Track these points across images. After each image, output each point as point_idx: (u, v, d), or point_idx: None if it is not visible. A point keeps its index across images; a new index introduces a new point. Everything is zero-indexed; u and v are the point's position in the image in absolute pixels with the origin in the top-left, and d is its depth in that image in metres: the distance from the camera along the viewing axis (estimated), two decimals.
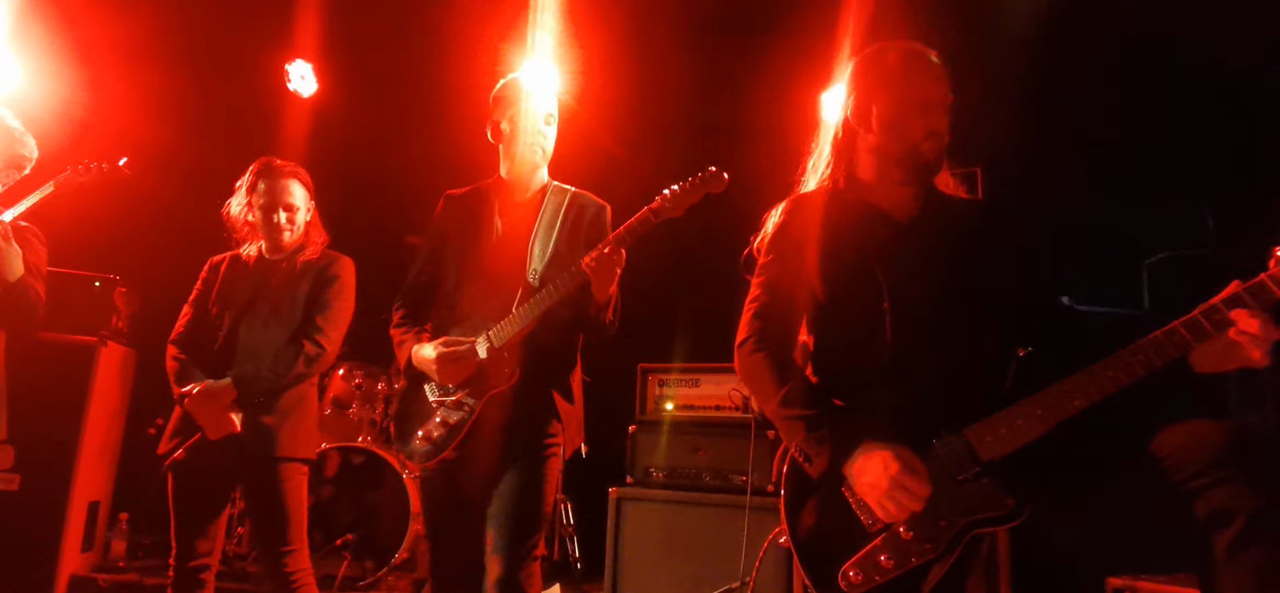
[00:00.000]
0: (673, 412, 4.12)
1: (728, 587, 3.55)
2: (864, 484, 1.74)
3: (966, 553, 1.71)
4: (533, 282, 2.44)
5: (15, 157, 2.95)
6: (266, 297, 2.93)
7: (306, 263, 3.01)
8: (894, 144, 1.96)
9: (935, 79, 1.96)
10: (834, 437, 1.80)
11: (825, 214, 2.02)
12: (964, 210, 2.02)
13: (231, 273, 3.03)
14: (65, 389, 4.21)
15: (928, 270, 1.88)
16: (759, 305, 2.05)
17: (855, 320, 1.92)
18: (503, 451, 2.37)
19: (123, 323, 4.61)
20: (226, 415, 2.75)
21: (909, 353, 1.83)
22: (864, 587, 1.74)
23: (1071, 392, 1.63)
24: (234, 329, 2.89)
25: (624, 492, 3.95)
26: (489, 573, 2.26)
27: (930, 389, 1.78)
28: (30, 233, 2.92)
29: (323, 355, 2.93)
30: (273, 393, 2.83)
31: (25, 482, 4.05)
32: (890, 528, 1.73)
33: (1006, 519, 1.67)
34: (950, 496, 1.71)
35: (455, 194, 2.71)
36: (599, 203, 2.62)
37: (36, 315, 2.82)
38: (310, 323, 2.92)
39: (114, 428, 4.65)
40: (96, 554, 4.53)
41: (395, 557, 4.19)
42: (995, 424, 1.69)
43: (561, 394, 2.47)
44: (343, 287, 3.02)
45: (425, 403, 2.49)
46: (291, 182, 2.99)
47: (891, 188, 2.01)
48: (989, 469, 1.69)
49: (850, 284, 1.94)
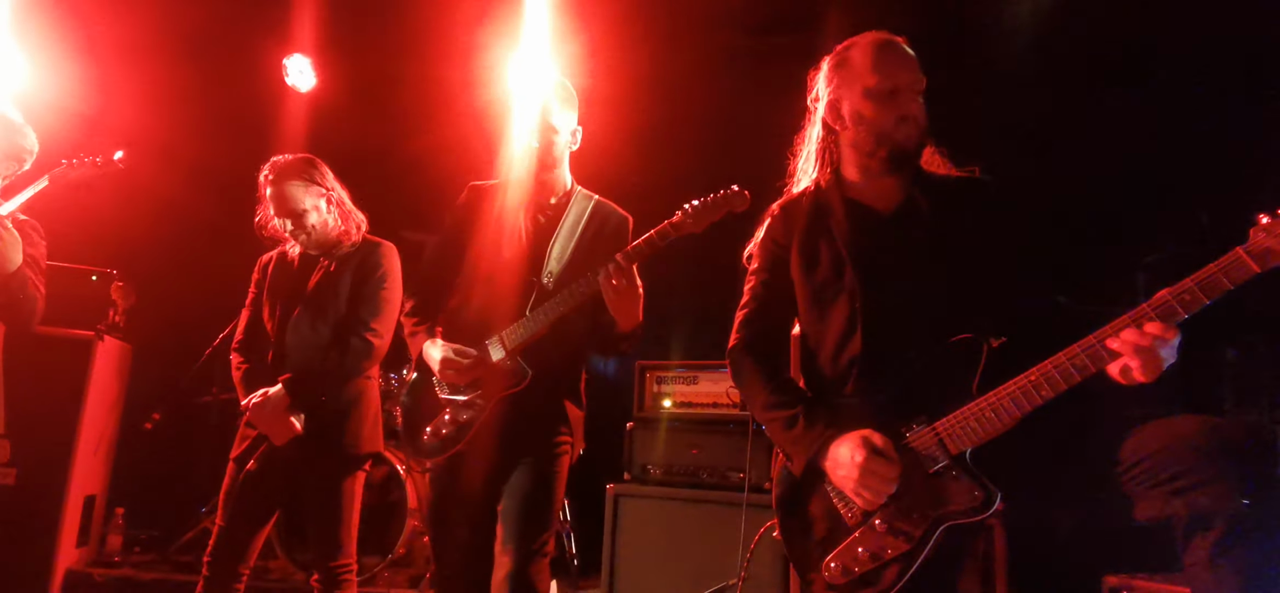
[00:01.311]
0: (670, 409, 4.12)
1: (724, 584, 3.55)
2: (839, 476, 1.80)
3: (951, 548, 1.72)
4: (547, 284, 2.44)
5: (16, 149, 2.94)
6: (310, 294, 2.92)
7: (344, 256, 2.98)
8: (867, 137, 1.99)
9: (901, 65, 1.96)
10: (809, 433, 1.86)
11: (809, 216, 2.08)
12: (949, 190, 2.02)
13: (278, 273, 3.02)
14: (62, 383, 4.20)
15: (904, 264, 1.92)
16: (747, 312, 2.15)
17: (833, 321, 1.97)
18: (512, 450, 2.38)
19: (119, 317, 4.60)
20: (287, 420, 2.76)
21: (881, 350, 1.88)
22: (844, 579, 1.79)
23: (1039, 383, 1.63)
24: (282, 330, 2.89)
25: (621, 489, 3.95)
26: (499, 568, 2.28)
27: (902, 384, 1.82)
28: (30, 227, 2.91)
29: (372, 349, 2.88)
30: (326, 390, 2.82)
31: (21, 476, 4.01)
32: (867, 521, 1.77)
33: (975, 514, 1.69)
34: (921, 490, 1.74)
35: (481, 186, 2.69)
36: (622, 214, 2.63)
37: (35, 310, 2.82)
38: (357, 318, 2.89)
39: (110, 422, 4.64)
40: (92, 549, 4.52)
41: (392, 553, 4.18)
42: (964, 417, 1.71)
43: (571, 400, 2.50)
44: (386, 275, 2.97)
45: (435, 399, 2.50)
46: (290, 186, 2.88)
47: (873, 181, 2.04)
48: (958, 463, 1.72)
49: (828, 286, 1.99)
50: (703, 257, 3.34)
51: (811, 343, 2.05)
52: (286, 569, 4.18)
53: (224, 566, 2.76)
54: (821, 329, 2.00)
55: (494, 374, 2.40)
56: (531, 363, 2.39)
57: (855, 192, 2.06)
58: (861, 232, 1.99)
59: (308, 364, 2.82)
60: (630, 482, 4.00)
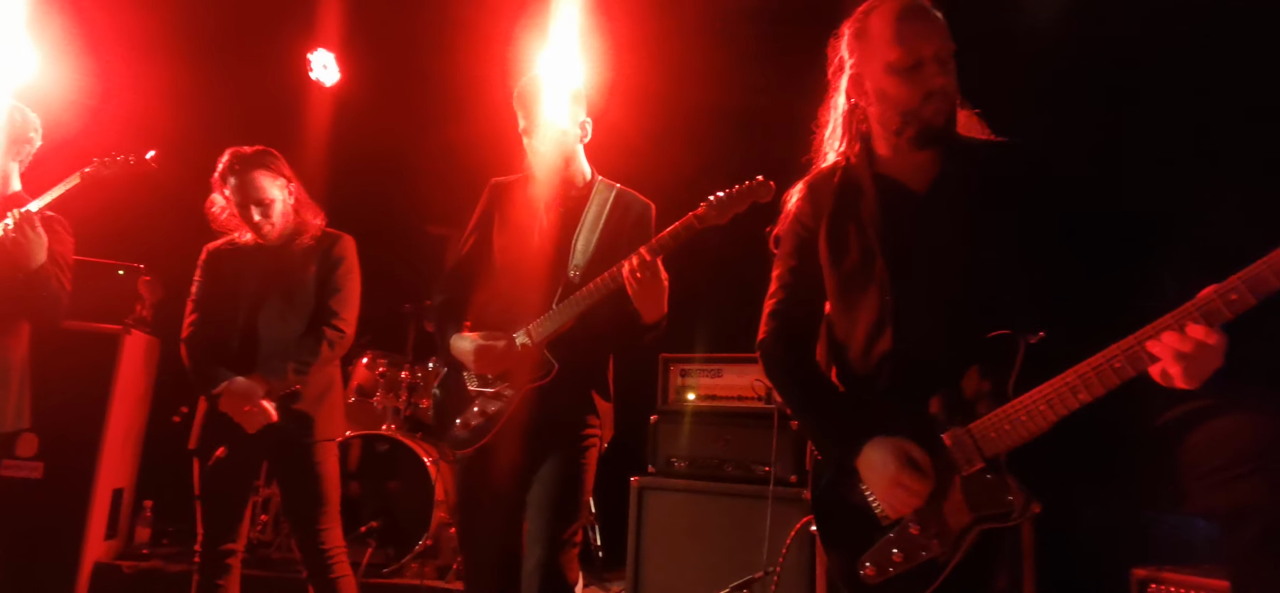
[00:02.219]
0: (694, 402, 4.11)
1: (750, 577, 3.53)
2: (870, 480, 1.75)
3: (985, 548, 1.67)
4: (573, 278, 2.44)
5: (19, 131, 2.96)
6: (276, 287, 2.96)
7: (307, 248, 3.02)
8: (892, 115, 1.84)
9: (925, 34, 1.79)
10: (842, 432, 1.81)
11: (837, 196, 1.95)
12: (987, 161, 1.87)
13: (234, 263, 3.01)
14: (89, 377, 4.23)
15: (938, 252, 1.81)
16: (775, 302, 2.04)
17: (862, 314, 1.89)
18: (541, 442, 2.39)
19: (147, 311, 4.63)
20: (261, 407, 2.78)
21: (913, 347, 1.80)
22: (878, 580, 1.75)
23: (1076, 386, 1.55)
24: (251, 323, 2.91)
25: (646, 481, 3.94)
26: (529, 558, 2.29)
27: (936, 384, 1.75)
28: (57, 222, 2.93)
29: (343, 339, 2.99)
30: (302, 380, 2.87)
31: (49, 469, 4.08)
32: (901, 523, 1.73)
33: (1010, 518, 1.64)
34: (956, 493, 1.69)
35: (502, 182, 2.70)
36: (644, 202, 2.61)
37: (60, 305, 2.84)
38: (326, 309, 2.97)
39: (138, 416, 4.68)
40: (120, 542, 4.56)
41: (419, 544, 4.19)
42: (999, 420, 1.64)
43: (599, 392, 2.50)
44: (350, 267, 3.07)
45: (464, 391, 2.51)
46: (259, 175, 2.91)
47: (904, 157, 1.89)
48: (993, 466, 1.66)
49: (856, 276, 1.90)
50: (726, 247, 3.31)
51: (840, 334, 1.96)
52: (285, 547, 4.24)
53: (212, 553, 2.81)
54: (850, 321, 1.91)
55: (521, 366, 2.41)
56: (558, 355, 2.40)
57: (886, 167, 1.92)
58: (893, 216, 1.87)
59: (282, 353, 2.87)
60: (655, 475, 3.99)
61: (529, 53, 4.59)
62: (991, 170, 1.84)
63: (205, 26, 5.18)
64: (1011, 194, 1.80)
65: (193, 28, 5.13)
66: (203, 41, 5.24)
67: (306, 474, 2.87)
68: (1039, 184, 1.82)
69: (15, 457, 4.01)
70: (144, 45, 5.02)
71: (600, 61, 4.34)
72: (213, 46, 5.29)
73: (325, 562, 2.84)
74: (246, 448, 2.83)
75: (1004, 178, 1.82)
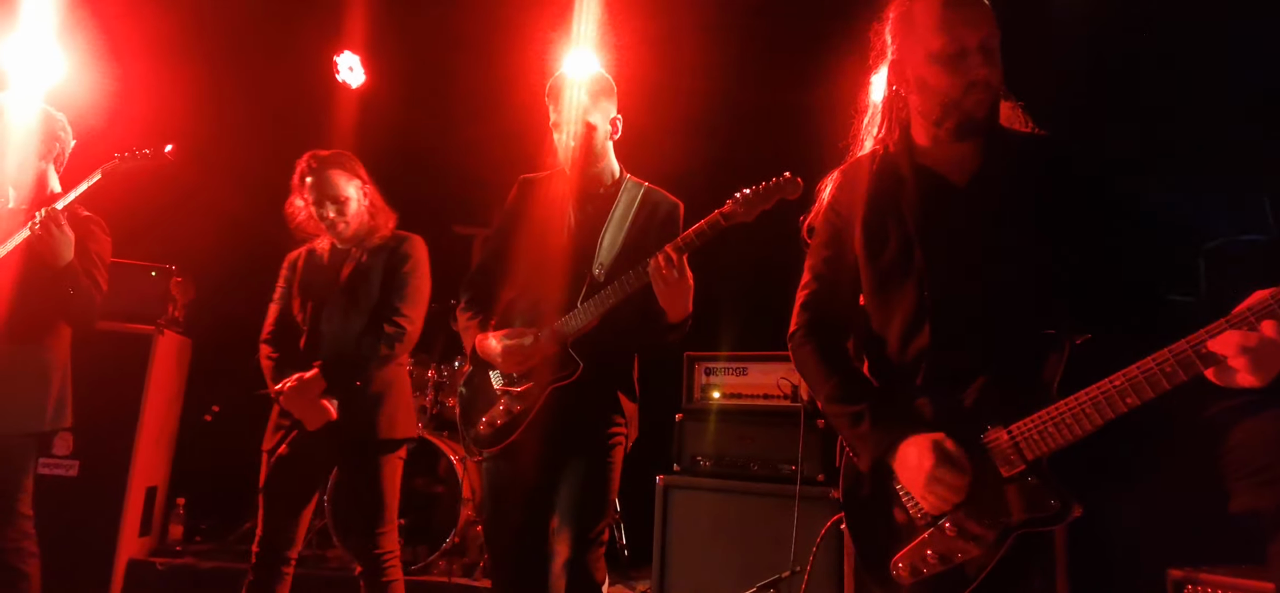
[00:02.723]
0: (720, 400, 4.09)
1: (777, 576, 3.51)
2: (907, 478, 1.70)
3: (1024, 555, 1.63)
4: (598, 275, 2.43)
5: (51, 132, 3.01)
6: (344, 285, 2.97)
7: (377, 247, 3.04)
8: (933, 105, 1.79)
9: (970, 22, 1.72)
10: (877, 431, 1.75)
11: (874, 185, 1.89)
12: (1030, 155, 1.81)
13: (309, 267, 3.08)
14: (123, 377, 4.29)
15: (979, 246, 1.75)
16: (808, 294, 1.98)
17: (899, 308, 1.82)
18: (567, 440, 2.39)
19: (179, 312, 4.69)
20: (321, 405, 2.80)
21: (952, 345, 1.74)
22: (912, 580, 1.70)
23: (1124, 389, 1.50)
24: (316, 321, 2.94)
25: (671, 480, 3.93)
26: (556, 557, 2.28)
27: (976, 383, 1.69)
28: (93, 223, 2.98)
29: (405, 335, 2.95)
30: (360, 376, 2.87)
31: (84, 467, 4.16)
32: (937, 523, 1.68)
33: (1050, 522, 1.59)
34: (995, 495, 1.64)
35: (530, 179, 2.70)
36: (672, 201, 2.60)
37: (93, 305, 2.88)
38: (388, 305, 2.95)
39: (170, 414, 4.75)
40: (154, 538, 4.63)
41: (446, 541, 4.22)
42: (1042, 421, 1.59)
43: (624, 392, 2.49)
44: (416, 265, 3.05)
45: (490, 390, 2.51)
46: (335, 173, 2.96)
47: (944, 147, 1.84)
48: (1034, 468, 1.61)
49: (894, 269, 1.83)
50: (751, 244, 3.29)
51: (876, 327, 1.89)
52: (344, 558, 4.23)
53: (270, 554, 2.82)
54: (887, 315, 1.85)
55: (545, 364, 2.40)
56: (583, 353, 2.39)
57: (926, 157, 1.86)
58: (932, 207, 1.81)
59: (342, 352, 2.87)
60: (680, 473, 3.98)
61: (555, 50, 4.61)
62: (1034, 164, 1.78)
63: (234, 31, 5.24)
64: (1054, 189, 1.75)
65: (222, 32, 5.19)
66: (231, 46, 5.30)
67: (363, 476, 2.86)
68: (1081, 180, 1.77)
69: (52, 455, 4.10)
70: (172, 50, 5.09)
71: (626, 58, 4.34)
72: (241, 51, 5.34)
73: (379, 564, 2.84)
74: (311, 448, 2.84)
75: (1047, 172, 1.77)
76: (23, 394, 2.80)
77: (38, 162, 2.99)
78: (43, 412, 2.82)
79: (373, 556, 2.84)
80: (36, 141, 2.99)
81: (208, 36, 5.15)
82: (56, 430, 2.89)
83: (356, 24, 5.41)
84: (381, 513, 2.86)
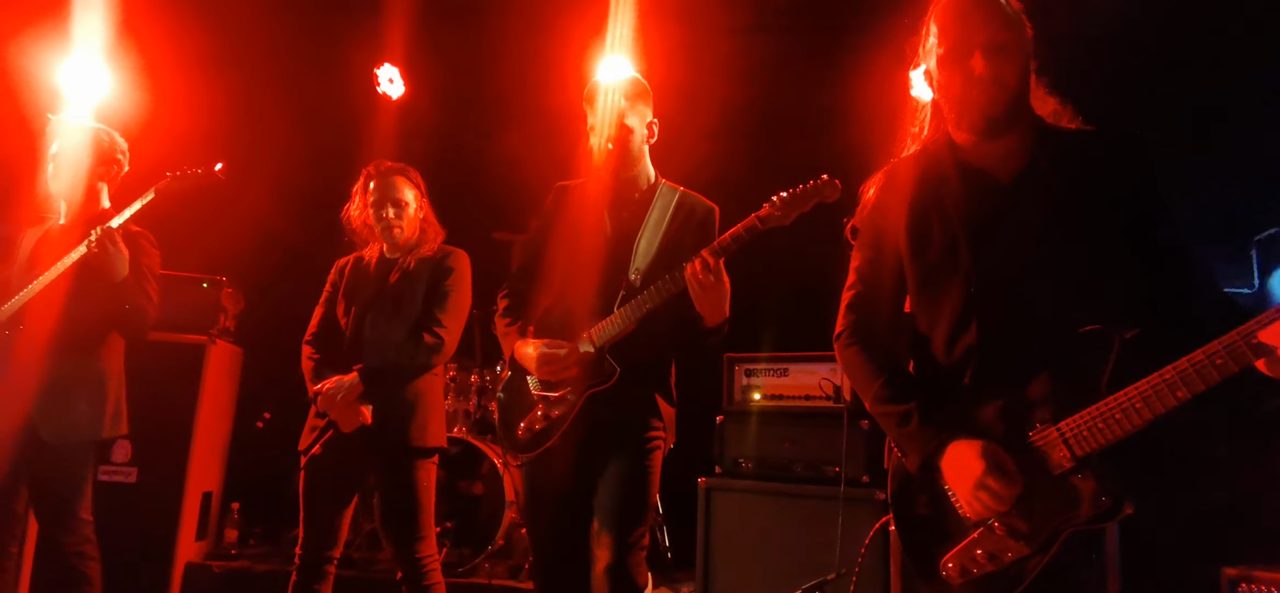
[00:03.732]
0: (760, 401, 4.06)
1: (822, 578, 3.48)
2: (954, 480, 1.69)
3: (1072, 550, 1.60)
4: (634, 281, 2.43)
5: (107, 153, 3.11)
6: (388, 293, 3.04)
7: (423, 258, 3.10)
8: (949, 106, 1.81)
9: (964, 21, 1.75)
10: (925, 431, 1.74)
11: (918, 184, 1.88)
12: (1076, 148, 1.78)
13: (355, 273, 3.15)
14: (178, 386, 4.41)
15: (1026, 242, 1.73)
16: (853, 295, 1.97)
17: (945, 306, 1.81)
18: (605, 445, 2.39)
19: (229, 322, 4.82)
20: (356, 409, 2.86)
21: (1000, 341, 1.72)
22: (961, 580, 1.68)
23: (1174, 383, 1.47)
24: (359, 325, 3.01)
25: (713, 482, 3.92)
26: (597, 561, 2.30)
27: (1024, 379, 1.67)
28: (143, 238, 3.08)
29: (442, 345, 3.00)
30: (397, 384, 2.93)
31: (143, 474, 4.28)
32: (986, 522, 1.66)
33: (1102, 519, 1.56)
34: (1045, 493, 1.62)
35: (566, 185, 2.72)
36: (707, 205, 2.60)
37: (147, 317, 2.97)
38: (429, 315, 3.01)
39: (223, 422, 4.87)
40: (210, 542, 4.74)
41: (491, 544, 4.27)
42: (1092, 418, 1.57)
43: (662, 396, 2.49)
44: (459, 278, 3.11)
45: (528, 396, 2.53)
46: (399, 179, 3.09)
47: (983, 145, 1.82)
48: (1085, 465, 1.58)
49: (939, 266, 1.82)
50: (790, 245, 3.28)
51: (922, 326, 1.88)
52: (390, 562, 4.30)
53: (311, 555, 2.89)
54: (933, 314, 1.84)
55: (583, 371, 2.41)
56: (619, 359, 2.40)
57: (968, 155, 1.84)
58: (977, 203, 1.79)
59: (381, 356, 2.93)
60: (722, 476, 3.97)
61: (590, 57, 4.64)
62: (1083, 159, 1.76)
63: (277, 47, 5.37)
64: (1102, 184, 1.72)
65: (265, 49, 5.33)
66: (274, 61, 5.43)
67: (399, 482, 2.91)
68: (1129, 174, 1.74)
69: (112, 462, 4.23)
70: (216, 66, 5.24)
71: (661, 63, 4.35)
72: (284, 66, 5.47)
73: (419, 569, 2.89)
74: (346, 451, 2.90)
75: (1094, 167, 1.74)
76: (80, 404, 2.90)
77: (92, 180, 3.10)
78: (100, 421, 2.93)
79: (413, 561, 2.89)
80: (92, 161, 3.09)
81: (252, 53, 5.28)
82: (114, 438, 3.00)
83: (396, 37, 5.50)
84: (417, 519, 2.91)
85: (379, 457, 2.95)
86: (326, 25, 5.49)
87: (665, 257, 2.45)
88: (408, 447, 2.92)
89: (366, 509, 4.37)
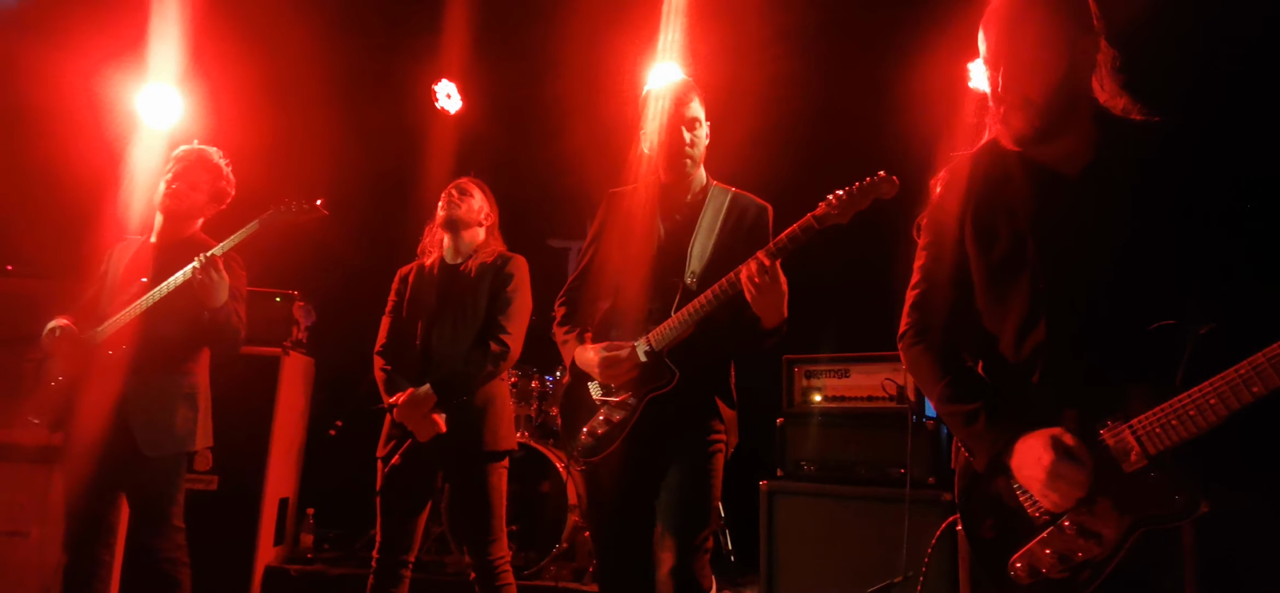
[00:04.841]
0: (821, 403, 4.03)
1: (889, 581, 3.44)
2: (1025, 476, 1.65)
3: (1144, 550, 1.56)
4: (691, 284, 2.44)
5: (218, 191, 3.25)
6: (450, 303, 3.13)
7: (483, 266, 3.19)
8: (997, 107, 1.78)
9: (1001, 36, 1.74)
10: (993, 429, 1.71)
11: (984, 181, 1.85)
12: (1144, 140, 1.73)
13: (418, 282, 3.25)
14: (255, 397, 4.56)
15: (1095, 237, 1.69)
16: (917, 294, 1.94)
17: (1014, 303, 1.77)
18: (667, 448, 2.40)
19: (302, 334, 4.97)
20: (432, 418, 2.96)
21: (1070, 338, 1.68)
22: (1030, 580, 1.65)
23: (1250, 378, 1.43)
24: (427, 336, 3.11)
25: (775, 485, 3.91)
26: (661, 564, 2.30)
27: (1095, 376, 1.63)
28: (232, 260, 3.18)
29: (508, 352, 3.09)
30: (468, 392, 3.02)
31: (222, 482, 4.45)
32: (1055, 522, 1.63)
33: (1175, 518, 1.52)
34: (1116, 491, 1.57)
35: (618, 192, 2.74)
36: (760, 205, 2.59)
37: (239, 337, 3.10)
38: (493, 323, 3.09)
39: (298, 431, 5.03)
40: (287, 547, 4.90)
41: (555, 547, 4.32)
42: (1165, 415, 1.52)
43: (722, 398, 2.49)
44: (520, 285, 3.19)
45: (590, 401, 2.56)
46: (477, 186, 3.27)
47: (1049, 140, 1.78)
48: (1157, 463, 1.54)
49: (1007, 264, 1.78)
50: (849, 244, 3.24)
51: (990, 325, 1.85)
52: (459, 564, 4.40)
53: (389, 559, 2.99)
54: (1001, 311, 1.81)
55: (642, 374, 2.43)
56: (678, 362, 2.40)
57: (1032, 151, 1.80)
58: (1044, 199, 1.75)
59: (452, 366, 3.02)
60: (784, 478, 3.95)
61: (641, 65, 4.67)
62: (1153, 151, 1.71)
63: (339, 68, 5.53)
64: (1171, 176, 1.68)
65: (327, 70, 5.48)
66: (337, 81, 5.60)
67: (472, 486, 3.01)
68: (1199, 166, 1.69)
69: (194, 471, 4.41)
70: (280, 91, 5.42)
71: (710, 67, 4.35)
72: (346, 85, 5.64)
73: (492, 570, 2.98)
74: (422, 458, 3.00)
75: (1162, 159, 1.70)
76: (177, 418, 3.03)
77: (202, 209, 3.22)
78: (193, 433, 3.06)
79: (486, 562, 2.98)
80: (208, 193, 3.21)
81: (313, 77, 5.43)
82: (203, 449, 3.13)
83: (453, 54, 5.62)
84: (491, 521, 3.00)
85: (453, 462, 3.04)
86: (385, 45, 5.64)
87: (721, 258, 2.45)
88: (480, 451, 3.02)
89: (435, 514, 4.47)
